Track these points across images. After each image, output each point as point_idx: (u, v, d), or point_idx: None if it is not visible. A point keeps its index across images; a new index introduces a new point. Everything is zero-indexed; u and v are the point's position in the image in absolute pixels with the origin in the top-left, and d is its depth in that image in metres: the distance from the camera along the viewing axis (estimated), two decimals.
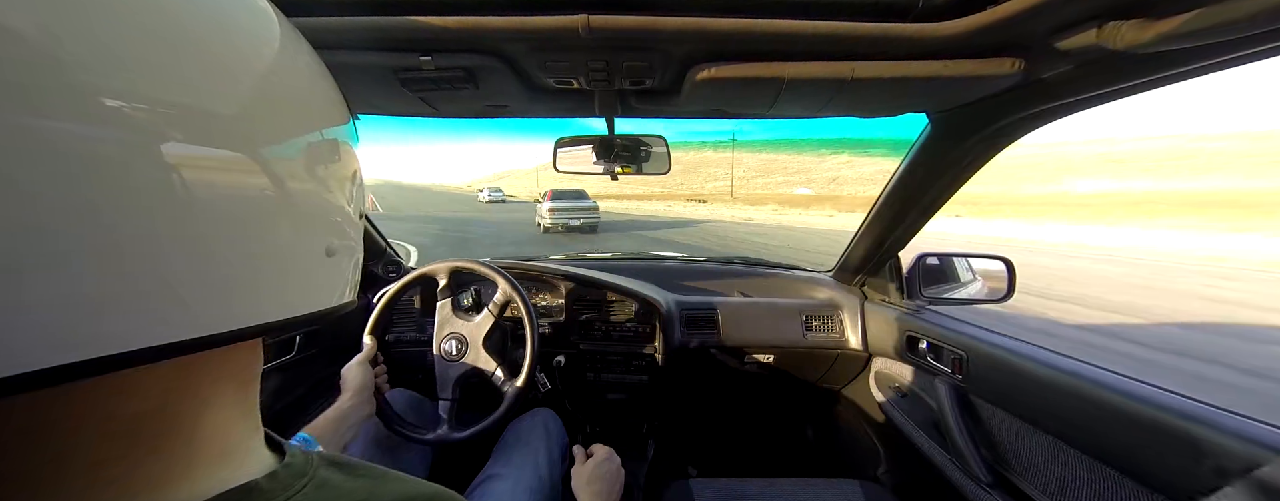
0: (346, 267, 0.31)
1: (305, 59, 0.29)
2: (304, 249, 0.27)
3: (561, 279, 1.38)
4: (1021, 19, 0.51)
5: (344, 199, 0.30)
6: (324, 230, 0.28)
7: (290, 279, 0.26)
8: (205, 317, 0.21)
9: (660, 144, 1.03)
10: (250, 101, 0.23)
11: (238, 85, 0.23)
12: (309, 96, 0.28)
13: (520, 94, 0.74)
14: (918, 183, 1.02)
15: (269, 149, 0.24)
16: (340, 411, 0.87)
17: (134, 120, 0.18)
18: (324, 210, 0.28)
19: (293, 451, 0.29)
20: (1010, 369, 0.86)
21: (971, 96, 0.75)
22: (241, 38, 0.24)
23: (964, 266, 1.41)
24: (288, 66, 0.26)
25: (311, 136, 0.27)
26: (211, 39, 0.22)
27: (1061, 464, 0.76)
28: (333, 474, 0.29)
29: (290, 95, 0.27)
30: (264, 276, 0.24)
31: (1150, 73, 0.57)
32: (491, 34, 0.57)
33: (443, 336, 1.06)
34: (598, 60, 0.63)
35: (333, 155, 0.29)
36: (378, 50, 0.60)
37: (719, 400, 1.61)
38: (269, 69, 0.25)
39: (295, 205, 0.26)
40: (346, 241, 0.31)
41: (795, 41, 0.57)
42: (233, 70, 0.23)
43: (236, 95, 0.22)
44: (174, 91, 0.20)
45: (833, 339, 1.36)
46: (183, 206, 0.20)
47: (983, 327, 1.00)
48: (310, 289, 0.28)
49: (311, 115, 0.28)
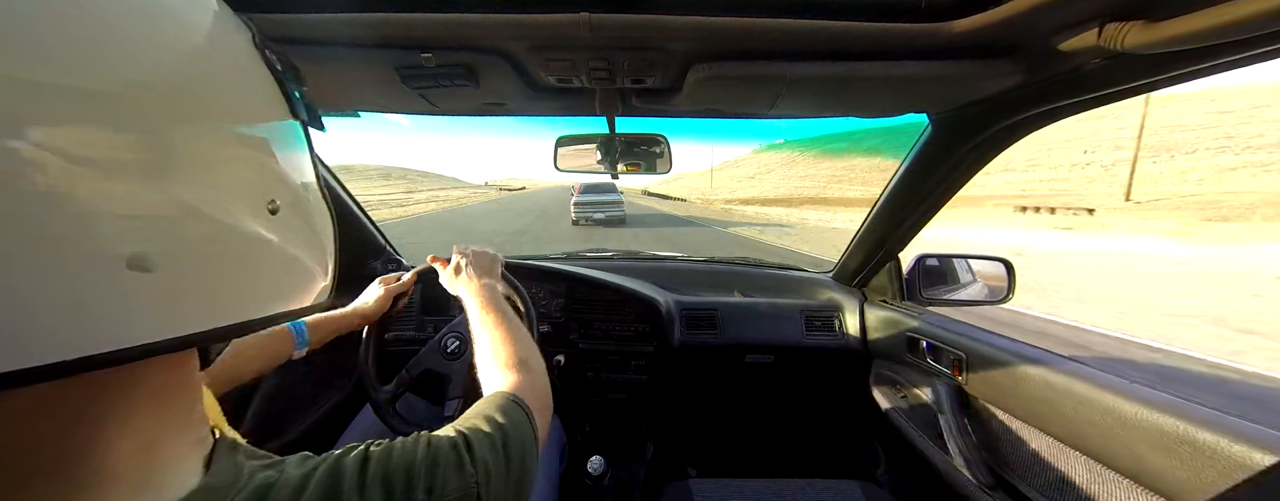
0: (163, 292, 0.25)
1: (233, 50, 0.27)
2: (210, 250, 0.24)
3: (562, 278, 1.38)
4: (1022, 20, 0.51)
5: (245, 208, 0.26)
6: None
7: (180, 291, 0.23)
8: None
9: (661, 143, 1.03)
10: (157, 58, 0.22)
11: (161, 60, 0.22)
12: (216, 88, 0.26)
13: (521, 92, 0.74)
14: (918, 183, 1.02)
15: (185, 125, 0.23)
16: (341, 311, 0.90)
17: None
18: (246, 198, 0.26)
19: (224, 466, 0.28)
20: (1010, 370, 0.86)
21: (972, 97, 0.75)
22: (170, 19, 0.23)
23: (964, 267, 1.40)
24: (212, 52, 0.25)
25: (222, 131, 0.25)
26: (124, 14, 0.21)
27: (1060, 465, 0.76)
28: (268, 474, 0.29)
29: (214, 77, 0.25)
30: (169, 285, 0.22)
31: (1151, 74, 0.57)
32: (493, 31, 0.57)
33: (444, 334, 1.06)
34: (599, 58, 0.63)
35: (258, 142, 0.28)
36: (378, 47, 0.60)
37: (718, 400, 1.61)
38: (198, 49, 0.24)
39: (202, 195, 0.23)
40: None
41: (797, 41, 0.57)
42: (158, 44, 0.22)
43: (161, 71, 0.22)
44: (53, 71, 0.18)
45: (833, 339, 1.36)
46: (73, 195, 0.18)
47: (982, 329, 1.00)
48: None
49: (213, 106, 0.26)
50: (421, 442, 0.36)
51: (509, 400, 0.46)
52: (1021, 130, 0.81)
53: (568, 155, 1.06)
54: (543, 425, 0.49)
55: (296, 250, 0.29)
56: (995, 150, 0.88)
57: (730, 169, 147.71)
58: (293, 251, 0.29)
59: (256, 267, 0.27)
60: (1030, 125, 0.78)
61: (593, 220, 15.48)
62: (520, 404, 0.46)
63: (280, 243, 0.28)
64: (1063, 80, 0.65)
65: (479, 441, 0.38)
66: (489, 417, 0.42)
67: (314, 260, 0.32)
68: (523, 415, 0.45)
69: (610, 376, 1.41)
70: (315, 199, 0.33)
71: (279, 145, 0.29)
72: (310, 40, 0.58)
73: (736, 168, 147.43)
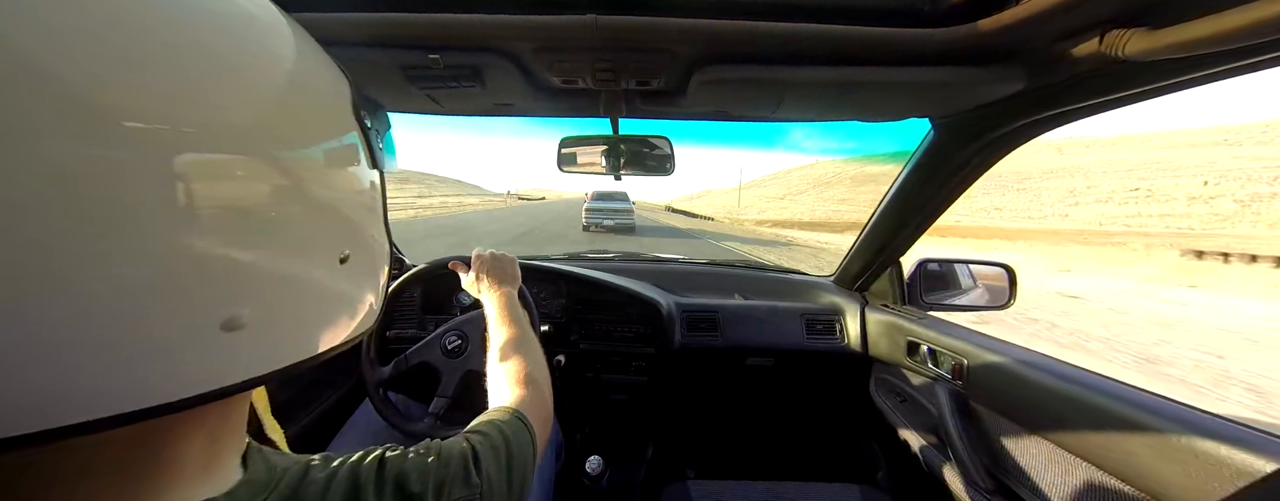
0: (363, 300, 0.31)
1: (323, 73, 0.29)
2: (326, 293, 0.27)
3: (564, 278, 1.39)
4: (1025, 26, 0.52)
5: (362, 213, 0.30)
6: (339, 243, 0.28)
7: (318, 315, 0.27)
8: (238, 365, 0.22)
9: (665, 145, 1.03)
10: (264, 117, 0.23)
11: (254, 101, 0.23)
12: (323, 110, 0.28)
13: (526, 93, 0.75)
14: (920, 188, 1.03)
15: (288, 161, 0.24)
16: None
17: (150, 138, 0.19)
18: (341, 228, 0.28)
19: (257, 466, 0.30)
20: (1010, 375, 0.86)
21: (975, 102, 0.75)
22: (259, 54, 0.25)
23: (965, 272, 1.41)
24: (304, 82, 0.27)
25: (327, 151, 0.28)
26: (228, 56, 0.22)
27: (1060, 471, 0.76)
28: (299, 473, 0.31)
29: (305, 109, 0.27)
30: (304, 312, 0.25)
31: (1153, 81, 0.57)
32: (499, 32, 0.57)
33: (443, 335, 1.06)
34: (604, 60, 0.63)
35: (349, 164, 0.29)
36: (385, 47, 0.61)
37: (719, 402, 1.61)
38: (286, 84, 0.25)
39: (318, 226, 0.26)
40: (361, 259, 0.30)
41: (801, 45, 0.58)
42: (249, 87, 0.23)
43: (250, 110, 0.23)
44: (192, 109, 0.20)
45: (833, 343, 1.36)
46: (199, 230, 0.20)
47: (983, 334, 1.00)
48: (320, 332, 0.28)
49: (321, 129, 0.28)
50: (433, 450, 0.38)
51: (515, 417, 0.48)
52: (1023, 136, 0.81)
53: (571, 156, 1.07)
54: (542, 442, 0.51)
55: (361, 291, 0.31)
56: (997, 156, 0.89)
57: (757, 188, 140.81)
58: (357, 293, 0.31)
59: (329, 313, 0.29)
60: (1032, 131, 0.79)
61: (603, 226, 16.18)
62: (525, 422, 0.48)
63: (348, 288, 0.30)
64: (1065, 87, 0.65)
65: (486, 455, 0.41)
66: (497, 432, 0.44)
67: (373, 293, 0.34)
68: (527, 434, 0.47)
69: (611, 377, 1.41)
70: (380, 238, 0.35)
71: (358, 197, 0.31)
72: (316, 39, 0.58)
73: (761, 187, 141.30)
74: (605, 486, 1.29)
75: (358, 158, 0.31)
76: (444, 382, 1.03)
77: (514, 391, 0.56)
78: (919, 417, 1.12)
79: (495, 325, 0.72)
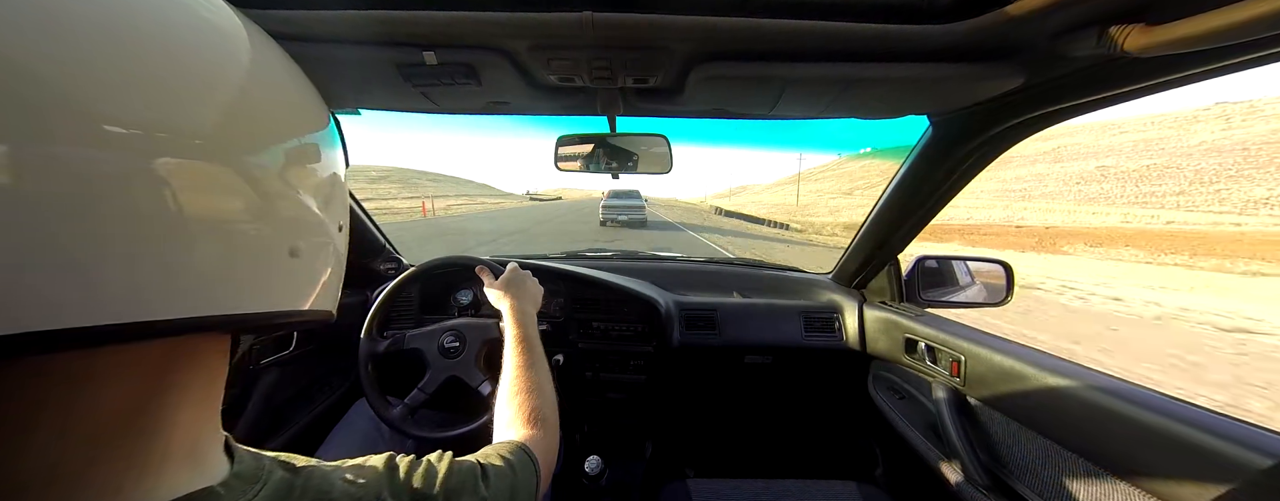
0: (316, 271, 0.32)
1: (279, 70, 0.30)
2: (267, 248, 0.27)
3: (561, 277, 1.38)
4: (1024, 22, 0.51)
5: (314, 201, 0.30)
6: (290, 231, 0.28)
7: (254, 276, 0.27)
8: (167, 303, 0.22)
9: (661, 143, 1.03)
10: (227, 116, 0.25)
11: (215, 103, 0.24)
12: (283, 106, 0.30)
13: (522, 91, 0.74)
14: (918, 185, 1.02)
15: (246, 157, 0.25)
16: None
17: (129, 142, 0.20)
18: (294, 212, 0.29)
19: (242, 456, 0.30)
20: (1007, 372, 0.86)
21: (973, 99, 0.75)
22: (215, 60, 0.25)
23: (963, 269, 1.41)
24: (262, 80, 0.28)
25: (287, 143, 0.29)
26: (187, 65, 0.24)
27: (1058, 466, 0.76)
28: (285, 474, 0.31)
29: (264, 108, 0.28)
30: (232, 271, 0.25)
31: (1152, 77, 0.57)
32: (494, 29, 0.57)
33: (443, 332, 1.06)
34: (600, 58, 0.63)
35: (308, 158, 0.30)
36: (379, 44, 0.60)
37: (717, 400, 1.61)
38: (242, 86, 0.26)
39: (268, 209, 0.26)
40: (315, 241, 0.31)
41: (799, 41, 0.57)
42: (211, 90, 0.24)
43: (215, 112, 0.24)
44: (161, 113, 0.22)
45: (831, 340, 1.36)
46: (163, 211, 0.21)
47: (981, 331, 1.00)
48: (272, 288, 0.28)
49: (285, 124, 0.29)
50: (444, 461, 0.41)
51: (525, 452, 0.49)
52: (1021, 132, 0.81)
53: (568, 154, 1.06)
54: (545, 482, 0.52)
55: (330, 244, 0.34)
56: (995, 153, 0.88)
57: (809, 182, 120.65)
58: (328, 241, 0.34)
59: (335, 272, 0.34)
60: (1030, 128, 0.79)
61: (618, 221, 18.56)
62: (533, 460, 0.49)
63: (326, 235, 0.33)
64: (1063, 83, 0.65)
65: (495, 476, 0.43)
66: (505, 462, 0.45)
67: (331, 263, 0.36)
68: (532, 470, 0.48)
69: (609, 376, 1.41)
70: (328, 234, 0.35)
71: (332, 186, 0.33)
72: (312, 37, 0.57)
73: (814, 181, 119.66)
74: (604, 485, 1.29)
75: (319, 153, 0.32)
76: (428, 378, 1.02)
77: (525, 430, 0.57)
78: (917, 414, 1.13)
79: (514, 349, 0.72)
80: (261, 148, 0.27)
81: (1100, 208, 49.10)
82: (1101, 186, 55.74)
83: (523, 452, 0.49)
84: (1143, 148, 61.73)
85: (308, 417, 1.19)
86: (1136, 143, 64.28)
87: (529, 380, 0.66)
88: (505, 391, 0.64)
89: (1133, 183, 52.76)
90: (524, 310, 0.81)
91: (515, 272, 0.90)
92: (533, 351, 0.72)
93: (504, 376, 0.67)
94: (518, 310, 0.80)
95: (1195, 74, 0.54)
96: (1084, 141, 72.01)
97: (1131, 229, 35.79)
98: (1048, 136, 70.38)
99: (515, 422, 0.59)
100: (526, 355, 0.70)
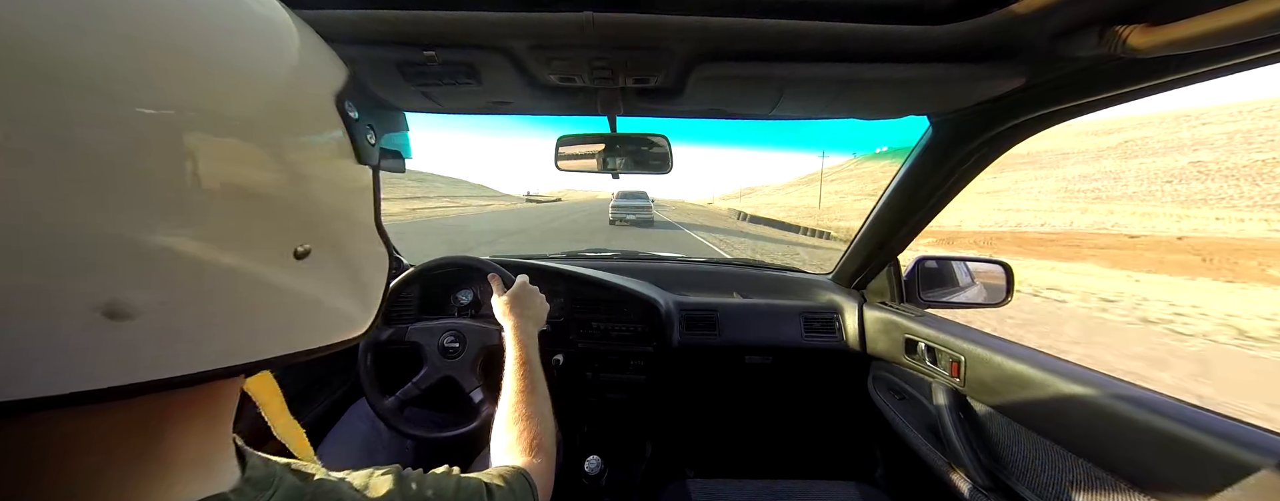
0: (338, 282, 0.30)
1: (325, 72, 0.29)
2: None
3: (561, 278, 1.38)
4: (1024, 23, 0.51)
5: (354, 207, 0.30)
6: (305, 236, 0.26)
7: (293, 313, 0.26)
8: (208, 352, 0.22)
9: (662, 143, 1.03)
10: (264, 111, 0.23)
11: (255, 95, 0.23)
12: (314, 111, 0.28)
13: (523, 91, 0.74)
14: (918, 186, 1.02)
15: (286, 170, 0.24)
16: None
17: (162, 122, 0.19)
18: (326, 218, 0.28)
19: (254, 462, 0.30)
20: (1007, 372, 0.86)
21: (974, 100, 0.75)
22: (260, 49, 0.24)
23: (963, 270, 1.41)
24: (305, 78, 0.27)
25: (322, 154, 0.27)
26: (229, 51, 0.23)
27: (1057, 467, 0.76)
28: (297, 481, 0.30)
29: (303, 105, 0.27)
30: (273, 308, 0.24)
31: (1152, 77, 0.57)
32: (495, 29, 0.57)
33: (444, 330, 1.06)
34: (601, 58, 0.63)
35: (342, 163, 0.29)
36: (381, 44, 0.60)
37: (717, 401, 1.61)
38: (287, 81, 0.25)
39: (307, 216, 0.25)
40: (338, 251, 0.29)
41: (799, 42, 0.57)
42: (251, 80, 0.23)
43: (253, 103, 0.23)
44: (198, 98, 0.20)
45: (831, 341, 1.36)
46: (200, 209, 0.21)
47: (980, 331, 1.00)
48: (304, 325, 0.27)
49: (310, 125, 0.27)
50: (453, 478, 0.41)
51: (525, 480, 0.49)
52: (1022, 133, 0.81)
53: (569, 154, 1.06)
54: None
55: (326, 292, 0.28)
56: (995, 153, 0.88)
57: (826, 183, 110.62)
58: (320, 293, 0.28)
59: (273, 312, 0.26)
60: (1031, 128, 0.79)
61: (626, 220, 19.86)
62: (533, 487, 0.49)
63: (304, 286, 0.27)
64: (1063, 83, 0.65)
65: (500, 498, 0.43)
66: (508, 484, 0.46)
67: (349, 296, 0.31)
68: (531, 499, 0.48)
69: (609, 376, 1.41)
70: (361, 238, 0.32)
71: (326, 189, 0.28)
72: None
73: (829, 182, 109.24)
74: (604, 486, 1.28)
75: (332, 148, 0.29)
76: (423, 374, 1.03)
77: (525, 457, 0.58)
78: (917, 415, 1.13)
79: (515, 372, 0.71)
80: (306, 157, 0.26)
81: (1219, 211, 38.76)
82: (1204, 185, 45.38)
83: (523, 479, 0.49)
84: (1241, 140, 51.11)
85: (307, 417, 1.19)
86: (1231, 134, 53.13)
87: (529, 406, 0.65)
88: (505, 416, 0.64)
89: (1247, 181, 43.16)
90: (527, 331, 0.80)
91: (523, 288, 0.88)
92: (533, 374, 0.71)
93: (503, 400, 0.67)
94: (521, 330, 0.79)
95: (1196, 74, 0.54)
96: (1156, 135, 59.28)
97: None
98: (1107, 131, 62.60)
99: (514, 449, 0.59)
100: (526, 379, 0.70)
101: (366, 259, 0.33)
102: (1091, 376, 0.74)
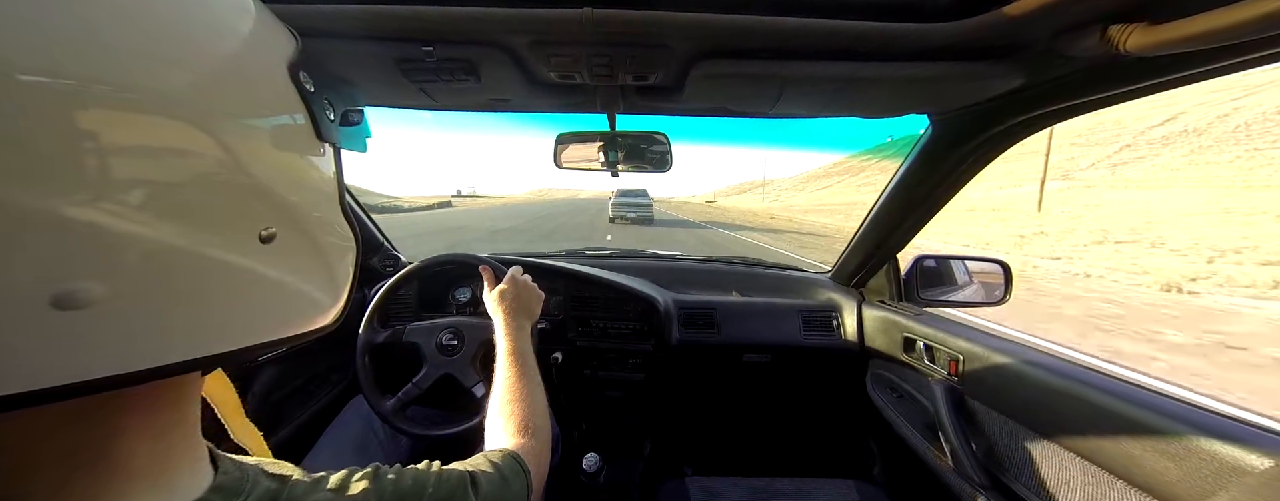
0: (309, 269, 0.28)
1: (273, 41, 0.27)
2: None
3: (560, 275, 1.38)
4: (1025, 21, 0.51)
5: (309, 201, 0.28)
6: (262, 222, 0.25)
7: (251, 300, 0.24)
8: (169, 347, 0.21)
9: (662, 141, 1.03)
10: (199, 79, 0.22)
11: (186, 68, 0.21)
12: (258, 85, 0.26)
13: (522, 87, 0.74)
14: (918, 184, 1.02)
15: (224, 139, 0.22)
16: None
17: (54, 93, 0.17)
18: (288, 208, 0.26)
19: (226, 466, 0.29)
20: (1006, 371, 0.86)
21: (974, 98, 0.75)
22: (192, 16, 0.23)
23: (961, 269, 1.41)
24: (250, 51, 0.25)
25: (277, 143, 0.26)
26: (150, 18, 0.21)
27: (1056, 466, 0.76)
28: (271, 484, 0.30)
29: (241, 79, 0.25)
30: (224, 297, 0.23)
31: (1153, 76, 0.57)
32: (494, 25, 0.57)
33: (442, 329, 1.06)
34: (600, 54, 0.63)
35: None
36: (379, 39, 0.60)
37: (715, 399, 1.62)
38: (233, 51, 0.24)
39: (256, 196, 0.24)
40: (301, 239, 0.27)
41: (799, 40, 0.57)
42: (182, 51, 0.22)
43: (182, 76, 0.21)
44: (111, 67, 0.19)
45: (830, 339, 1.36)
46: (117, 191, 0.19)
47: (979, 330, 1.01)
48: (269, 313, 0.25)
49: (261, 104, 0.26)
50: (432, 472, 0.40)
51: (515, 460, 0.48)
52: (1022, 132, 0.81)
53: (568, 151, 1.06)
54: (537, 490, 0.51)
55: (294, 277, 0.28)
56: (995, 152, 0.88)
57: (817, 182, 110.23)
58: (288, 278, 0.27)
59: (241, 300, 0.25)
60: (1031, 127, 0.79)
61: (627, 218, 19.54)
62: (524, 468, 0.49)
63: (270, 271, 0.26)
64: (1064, 82, 0.65)
65: (487, 484, 0.42)
66: (495, 469, 0.45)
67: (318, 284, 0.30)
68: (523, 479, 0.48)
69: (608, 374, 1.41)
70: (329, 219, 0.32)
71: (286, 168, 0.27)
72: (311, 31, 0.57)
73: (817, 182, 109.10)
74: (602, 483, 1.29)
75: (288, 124, 0.27)
76: (423, 374, 1.03)
77: (516, 438, 0.57)
78: (915, 413, 1.13)
79: (505, 361, 0.71)
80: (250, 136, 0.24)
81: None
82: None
83: (514, 460, 0.48)
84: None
85: (305, 414, 1.19)
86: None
87: (520, 390, 0.65)
88: (496, 401, 0.64)
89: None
90: (516, 324, 0.79)
91: (513, 282, 0.87)
92: (523, 363, 0.71)
93: (495, 387, 0.67)
94: (510, 324, 0.78)
95: (1196, 74, 0.54)
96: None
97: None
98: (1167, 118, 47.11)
99: (506, 431, 0.58)
100: (517, 367, 0.70)
101: (333, 240, 0.32)
102: (1089, 375, 0.75)
